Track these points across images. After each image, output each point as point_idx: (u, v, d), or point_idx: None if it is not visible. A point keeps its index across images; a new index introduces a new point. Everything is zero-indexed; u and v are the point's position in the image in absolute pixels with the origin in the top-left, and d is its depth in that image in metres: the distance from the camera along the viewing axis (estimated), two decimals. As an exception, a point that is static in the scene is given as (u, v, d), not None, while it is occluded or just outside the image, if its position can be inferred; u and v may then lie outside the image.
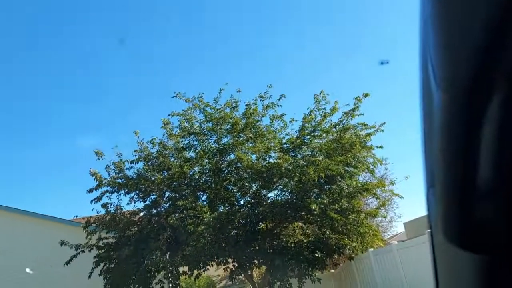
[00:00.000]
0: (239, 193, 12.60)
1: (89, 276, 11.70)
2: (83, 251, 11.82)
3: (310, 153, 12.29)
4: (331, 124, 12.56)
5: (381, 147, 12.66)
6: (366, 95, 12.41)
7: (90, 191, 11.82)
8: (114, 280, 11.46)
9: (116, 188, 12.03)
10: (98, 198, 11.85)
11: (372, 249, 10.70)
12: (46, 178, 59.85)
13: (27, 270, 15.45)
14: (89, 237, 11.89)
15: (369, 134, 12.62)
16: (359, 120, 12.62)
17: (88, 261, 11.99)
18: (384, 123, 12.64)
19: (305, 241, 11.88)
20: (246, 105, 12.70)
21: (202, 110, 12.99)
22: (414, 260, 8.00)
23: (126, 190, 12.08)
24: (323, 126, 12.51)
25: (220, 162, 12.70)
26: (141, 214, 12.88)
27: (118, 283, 11.44)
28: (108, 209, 12.06)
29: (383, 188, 12.07)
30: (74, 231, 14.10)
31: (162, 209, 12.66)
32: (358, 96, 12.40)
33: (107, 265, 11.81)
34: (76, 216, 12.41)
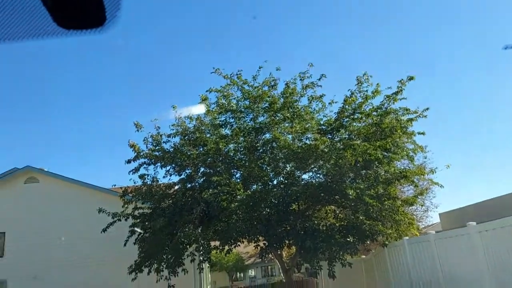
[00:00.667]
0: (272, 173, 12.54)
1: (125, 244, 12.10)
2: (119, 220, 12.19)
3: (347, 136, 12.00)
4: (372, 107, 12.17)
5: (422, 133, 12.18)
6: (411, 78, 11.91)
7: (128, 162, 12.11)
8: (148, 249, 11.80)
9: (153, 160, 12.26)
10: (136, 169, 12.13)
11: (407, 238, 10.41)
12: (90, 147, 62.06)
13: (62, 238, 16.20)
14: (126, 206, 12.23)
15: (411, 120, 12.16)
16: (401, 104, 12.17)
17: (124, 230, 12.40)
18: (427, 109, 12.13)
19: (337, 224, 11.73)
20: (286, 84, 12.50)
21: (240, 87, 12.91)
22: (453, 252, 7.70)
23: (163, 163, 12.28)
24: (363, 109, 12.14)
25: (255, 141, 12.65)
26: (176, 187, 13.10)
27: (152, 252, 11.77)
28: (145, 181, 12.33)
29: (422, 176, 11.65)
30: (112, 199, 14.60)
31: (197, 184, 12.81)
32: (402, 79, 11.92)
33: (142, 235, 12.16)
34: (114, 185, 12.82)
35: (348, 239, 10.76)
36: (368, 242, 12.05)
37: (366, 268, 12.95)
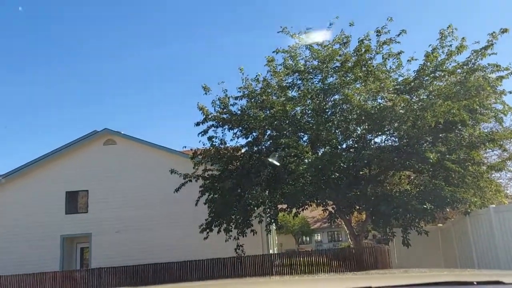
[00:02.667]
0: (341, 136, 12.02)
1: (196, 204, 12.48)
2: (190, 181, 12.53)
3: (426, 96, 11.04)
4: (457, 64, 11.01)
5: (514, 92, 10.84)
6: (504, 30, 10.52)
7: (197, 124, 12.26)
8: (217, 209, 12.06)
9: (220, 123, 12.30)
10: (204, 132, 12.26)
11: (493, 205, 9.49)
12: (161, 110, 64.97)
13: (117, 231, 17.05)
14: (196, 167, 12.51)
15: (501, 77, 10.87)
16: (491, 60, 10.87)
17: (195, 190, 12.76)
18: (522, 65, 10.72)
19: (413, 191, 11.03)
20: (359, 40, 11.67)
21: (308, 46, 12.31)
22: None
23: (230, 126, 12.28)
24: (446, 67, 11.02)
25: (324, 103, 12.14)
26: (243, 150, 13.12)
27: (221, 212, 12.02)
28: (213, 143, 12.46)
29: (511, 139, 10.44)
30: (183, 161, 15.05)
31: (263, 147, 12.72)
32: (493, 32, 10.58)
33: (212, 195, 12.43)
34: (185, 147, 13.10)
35: (425, 206, 10.06)
36: (448, 210, 11.25)
37: (443, 238, 12.17)
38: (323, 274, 13.07)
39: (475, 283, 1.15)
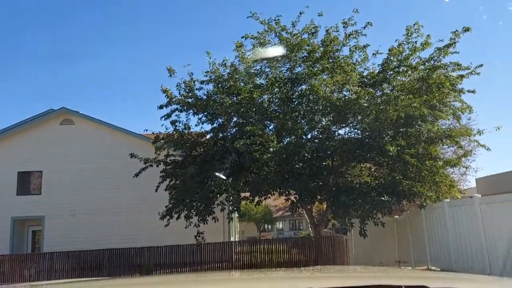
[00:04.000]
0: (307, 126, 12.07)
1: (156, 190, 12.19)
2: (151, 165, 12.21)
3: (390, 91, 11.24)
4: (420, 60, 11.26)
5: (473, 91, 11.25)
6: (467, 29, 10.82)
7: (161, 107, 11.91)
8: (179, 196, 11.83)
9: (185, 107, 12.01)
10: (168, 115, 11.95)
11: (447, 200, 9.86)
12: (121, 90, 62.96)
13: (73, 214, 16.50)
14: (158, 152, 12.19)
15: (461, 76, 11.23)
16: (452, 58, 11.19)
17: (155, 176, 12.46)
18: (481, 65, 11.13)
19: (373, 183, 11.28)
20: (326, 30, 11.68)
21: (278, 34, 12.19)
22: (500, 218, 7.17)
23: (195, 110, 12.03)
24: (409, 62, 11.25)
25: (291, 92, 12.11)
26: (208, 136, 12.92)
27: (182, 199, 11.81)
28: (177, 127, 12.17)
29: (468, 137, 10.85)
30: (144, 145, 14.65)
31: (229, 134, 12.57)
32: (456, 30, 10.87)
33: (173, 181, 12.18)
34: (146, 130, 12.72)
35: (383, 198, 10.32)
36: (404, 203, 11.60)
37: (398, 229, 12.59)
38: (277, 269, 13.19)
39: (403, 287, 1.17)
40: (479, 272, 7.67)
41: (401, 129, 11.03)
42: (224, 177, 11.12)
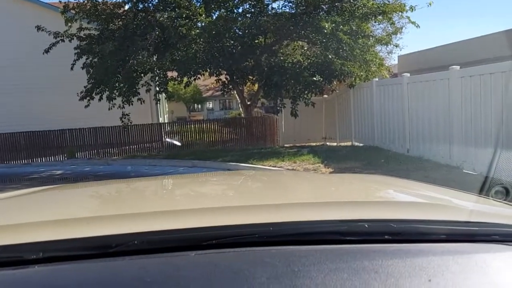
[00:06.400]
0: (238, -2, 11.05)
1: (71, 68, 10.93)
2: (62, 40, 10.74)
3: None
4: None
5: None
6: None
7: (66, -30, 10.01)
8: (98, 75, 10.73)
9: (97, -30, 10.21)
10: (76, -20, 10.15)
11: (376, 79, 10.01)
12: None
13: None
14: (69, 24, 10.62)
15: None
16: None
17: (69, 53, 11.07)
18: None
19: (305, 62, 11.03)
20: None
21: None
22: (423, 97, 7.39)
23: (109, -25, 10.32)
24: None
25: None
26: (126, 7, 11.41)
27: (103, 79, 10.78)
28: (88, -5, 10.50)
29: (401, 13, 10.65)
30: (52, 17, 12.69)
31: (151, 5, 11.21)
32: None
33: (90, 59, 10.94)
34: (52, -3, 10.85)
35: (315, 79, 10.22)
36: (335, 83, 11.67)
37: (326, 108, 12.92)
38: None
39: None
40: (398, 149, 8.19)
41: (336, 4, 10.51)
42: (147, 55, 10.13)
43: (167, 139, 12.76)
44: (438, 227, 0.90)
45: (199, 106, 36.97)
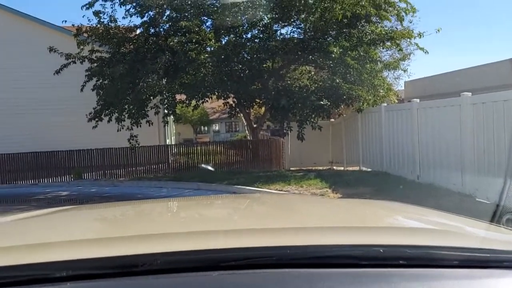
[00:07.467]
0: (247, 24, 11.24)
1: (81, 89, 11.08)
2: (74, 62, 10.93)
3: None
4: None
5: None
6: None
7: (80, -6, 10.28)
8: (108, 97, 10.87)
9: (109, -5, 10.47)
10: (90, 4, 10.40)
11: (385, 104, 10.03)
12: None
13: None
14: (81, 47, 10.84)
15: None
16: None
17: (79, 75, 11.25)
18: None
19: (312, 87, 11.11)
20: None
21: None
22: (434, 123, 7.36)
23: (121, 0, 10.56)
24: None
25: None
26: (138, 31, 11.65)
27: (112, 101, 10.90)
28: (101, 20, 10.74)
29: (409, 39, 10.76)
30: (65, 40, 12.95)
31: (161, 30, 11.42)
32: None
33: (100, 81, 11.09)
34: (65, 21, 11.10)
35: (322, 102, 10.27)
36: (342, 107, 11.70)
37: (333, 132, 12.90)
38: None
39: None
40: (408, 175, 8.10)
41: (344, 30, 10.65)
42: (157, 78, 10.25)
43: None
44: (452, 253, 0.92)
45: (206, 128, 37.17)
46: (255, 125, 13.51)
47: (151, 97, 11.05)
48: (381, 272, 0.86)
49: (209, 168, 12.22)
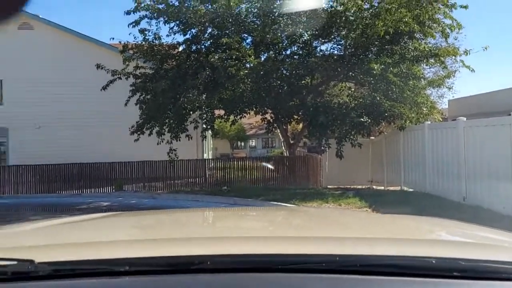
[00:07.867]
0: (287, 41, 11.30)
1: (126, 104, 11.47)
2: (119, 78, 11.36)
3: (378, 4, 10.40)
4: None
5: (465, 7, 10.52)
6: None
7: (128, 13, 10.72)
8: (150, 112, 11.20)
9: (155, 14, 10.85)
10: (136, 22, 10.82)
11: (428, 122, 9.69)
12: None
13: (38, 126, 15.62)
14: (126, 63, 11.27)
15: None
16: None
17: (125, 90, 11.67)
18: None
19: (352, 103, 10.93)
20: None
21: None
22: (482, 142, 7.01)
23: (166, 19, 10.92)
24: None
25: (272, 2, 11.07)
26: (180, 48, 11.97)
27: (154, 115, 11.21)
28: (146, 37, 11.13)
29: (454, 56, 10.39)
30: (111, 56, 13.54)
31: (203, 47, 11.68)
32: None
33: (143, 96, 11.45)
34: (112, 39, 11.59)
35: (363, 120, 10.06)
36: (383, 124, 11.42)
37: (373, 150, 12.56)
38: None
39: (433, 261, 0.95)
40: (453, 196, 7.73)
41: (386, 46, 10.45)
42: (197, 93, 10.45)
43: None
44: (505, 267, 0.94)
45: (242, 143, 37.40)
46: (292, 141, 13.43)
47: (191, 112, 11.26)
48: (437, 282, 0.89)
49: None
